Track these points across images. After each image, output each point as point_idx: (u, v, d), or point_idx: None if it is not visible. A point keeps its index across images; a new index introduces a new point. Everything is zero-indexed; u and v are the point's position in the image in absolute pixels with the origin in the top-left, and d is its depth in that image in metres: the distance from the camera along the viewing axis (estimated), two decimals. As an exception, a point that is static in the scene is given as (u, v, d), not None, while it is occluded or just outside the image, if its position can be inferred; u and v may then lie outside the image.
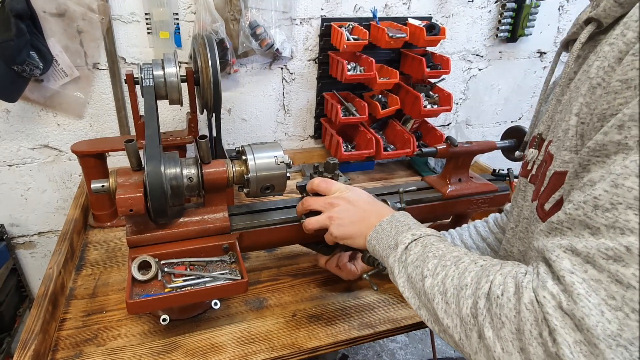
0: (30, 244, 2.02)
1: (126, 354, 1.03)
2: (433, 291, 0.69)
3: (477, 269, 0.66)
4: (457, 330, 0.64)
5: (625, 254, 0.49)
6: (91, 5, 1.58)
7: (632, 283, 0.48)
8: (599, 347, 0.48)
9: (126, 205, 0.94)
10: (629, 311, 0.48)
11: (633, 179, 0.50)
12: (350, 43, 1.77)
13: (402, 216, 0.90)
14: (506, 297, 0.58)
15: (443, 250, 0.75)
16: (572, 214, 0.57)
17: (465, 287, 0.64)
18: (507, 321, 0.57)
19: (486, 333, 0.59)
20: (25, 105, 1.69)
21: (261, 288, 1.26)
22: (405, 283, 0.77)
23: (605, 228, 0.52)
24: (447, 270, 0.70)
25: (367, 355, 2.58)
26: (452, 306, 0.66)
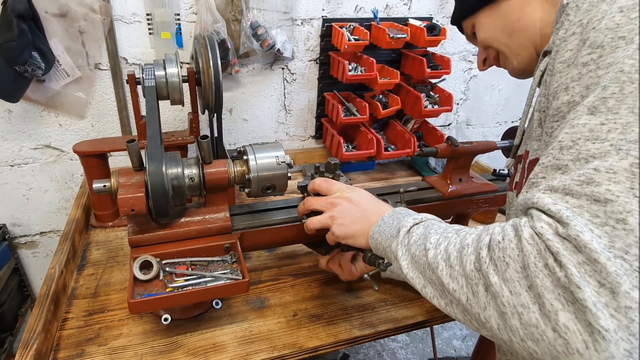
0: (32, 243, 2.02)
1: (128, 354, 1.03)
2: (436, 260, 0.71)
3: (477, 232, 0.69)
4: (463, 292, 0.65)
5: (595, 174, 0.55)
6: (93, 6, 1.59)
7: (608, 197, 0.53)
8: (600, 261, 0.51)
9: (128, 205, 0.94)
10: (614, 223, 0.52)
11: (585, 117, 0.60)
12: (351, 43, 1.77)
13: (403, 209, 0.91)
14: (507, 240, 0.60)
15: (443, 227, 0.78)
16: (543, 163, 0.65)
17: (467, 246, 0.67)
18: (511, 261, 0.59)
19: (491, 279, 0.60)
20: (27, 105, 1.70)
21: (262, 288, 1.26)
22: (409, 264, 0.78)
23: (572, 162, 0.60)
24: (449, 239, 0.72)
25: (368, 354, 2.59)
26: (456, 268, 0.67)
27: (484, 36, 1.01)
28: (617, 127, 0.56)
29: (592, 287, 0.51)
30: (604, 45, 0.63)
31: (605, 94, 0.59)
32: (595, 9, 0.67)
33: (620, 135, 0.55)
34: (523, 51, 0.95)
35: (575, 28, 0.69)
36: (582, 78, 0.65)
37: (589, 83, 0.64)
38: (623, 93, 0.57)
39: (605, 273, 0.50)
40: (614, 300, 0.50)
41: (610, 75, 0.59)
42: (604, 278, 0.50)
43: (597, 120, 0.58)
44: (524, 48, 0.94)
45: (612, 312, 0.50)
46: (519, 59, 0.97)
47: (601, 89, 0.59)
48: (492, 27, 0.98)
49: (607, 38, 0.62)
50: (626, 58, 0.58)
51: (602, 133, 0.57)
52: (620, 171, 0.54)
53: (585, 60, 0.65)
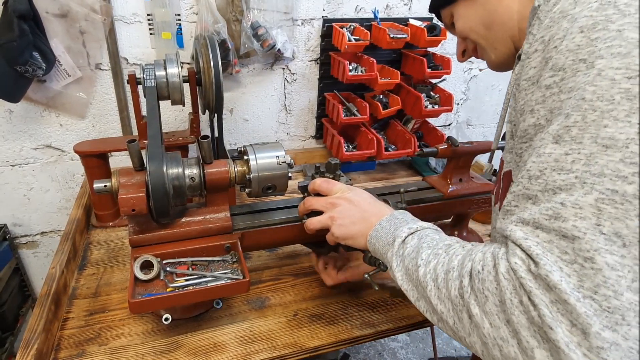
0: (33, 243, 2.02)
1: (128, 353, 1.03)
2: (426, 279, 0.71)
3: (463, 253, 0.69)
4: (450, 315, 0.66)
5: (562, 209, 0.55)
6: (94, 6, 1.59)
7: (575, 234, 0.53)
8: (569, 302, 0.51)
9: (128, 205, 0.94)
10: (582, 261, 0.52)
11: (550, 146, 0.60)
12: (351, 44, 1.78)
13: (400, 214, 0.91)
14: (486, 271, 0.61)
15: (437, 240, 0.78)
16: (515, 191, 0.65)
17: (452, 269, 0.67)
18: (490, 294, 0.59)
19: (473, 310, 0.61)
20: (27, 105, 1.70)
21: (263, 287, 1.26)
22: (403, 276, 0.79)
23: (540, 193, 0.60)
24: (439, 257, 0.72)
25: (368, 354, 2.59)
26: (442, 291, 0.67)
27: (462, 27, 0.98)
28: (582, 158, 0.56)
29: (565, 327, 0.52)
30: (565, 68, 0.62)
31: (568, 122, 0.58)
32: (557, 26, 0.65)
33: (585, 167, 0.55)
34: (501, 45, 0.93)
35: (538, 45, 0.68)
36: (546, 101, 0.65)
37: (553, 107, 0.63)
38: (585, 122, 0.56)
39: (575, 314, 0.51)
40: (586, 340, 0.50)
41: (572, 102, 0.59)
42: (574, 318, 0.51)
43: (562, 150, 0.58)
44: (502, 42, 0.92)
45: (585, 352, 0.50)
46: (496, 52, 0.95)
47: (564, 117, 0.59)
48: (470, 18, 0.95)
49: (568, 60, 0.61)
50: (587, 84, 0.57)
51: (566, 163, 0.57)
52: (585, 206, 0.54)
53: (548, 82, 0.64)
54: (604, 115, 0.55)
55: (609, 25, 0.58)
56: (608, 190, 0.53)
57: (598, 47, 0.58)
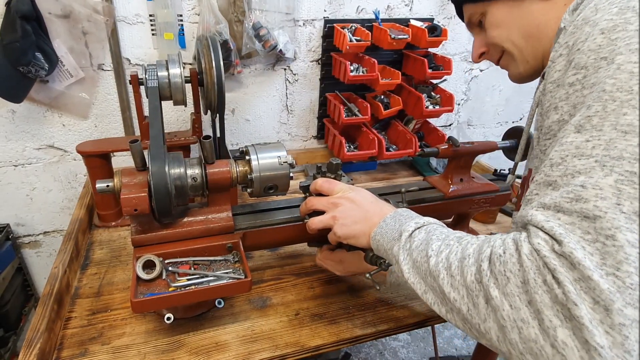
0: (35, 243, 2.03)
1: (131, 352, 1.04)
2: (437, 268, 0.71)
3: (478, 242, 0.70)
4: (464, 302, 0.66)
5: (582, 191, 0.57)
6: (96, 7, 1.59)
7: (596, 214, 0.55)
8: (593, 278, 0.52)
9: (131, 205, 0.95)
10: (603, 239, 0.54)
11: (572, 135, 0.63)
12: (352, 44, 1.78)
13: (404, 211, 0.91)
14: (508, 254, 0.62)
15: (446, 233, 0.78)
16: (537, 180, 0.67)
17: (468, 256, 0.67)
18: (512, 275, 0.60)
19: (492, 293, 0.61)
20: (30, 105, 1.71)
21: (264, 287, 1.27)
22: (410, 269, 0.78)
23: (560, 178, 0.62)
24: (451, 247, 0.72)
25: (369, 353, 2.59)
26: (457, 278, 0.68)
27: (497, 34, 0.94)
28: (601, 144, 0.59)
29: (587, 305, 0.52)
30: (587, 66, 0.66)
31: (590, 112, 0.62)
32: (579, 31, 0.69)
33: (604, 151, 0.58)
34: (533, 60, 0.92)
35: (562, 50, 0.72)
36: (569, 97, 0.68)
37: (576, 102, 0.67)
38: (606, 111, 0.60)
39: (598, 290, 0.52)
40: (608, 317, 0.51)
41: (594, 95, 0.62)
42: (597, 295, 0.52)
43: (583, 138, 0.61)
44: (535, 57, 0.91)
45: (607, 329, 0.51)
46: (526, 66, 0.94)
47: (586, 108, 0.63)
48: (508, 24, 0.91)
49: (590, 59, 0.65)
50: (607, 78, 0.61)
51: (587, 149, 0.60)
52: (605, 187, 0.56)
53: (571, 80, 0.68)
54: (623, 105, 0.58)
55: (627, 26, 0.62)
56: (627, 172, 0.55)
57: (618, 45, 0.62)
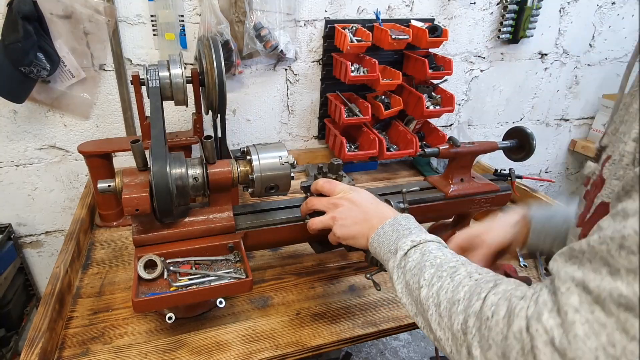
0: (37, 243, 2.04)
1: (132, 352, 1.04)
2: (428, 302, 0.70)
3: (470, 284, 0.66)
4: (448, 344, 0.65)
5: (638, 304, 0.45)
6: (97, 7, 1.60)
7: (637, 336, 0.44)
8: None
9: (132, 204, 0.95)
10: None
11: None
12: (353, 44, 1.78)
13: (404, 219, 0.90)
14: (495, 320, 0.57)
15: (441, 258, 0.76)
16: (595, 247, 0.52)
17: (458, 302, 0.65)
18: (494, 344, 0.56)
19: (474, 352, 0.59)
20: (32, 106, 1.71)
21: (265, 287, 1.27)
22: (403, 290, 0.78)
23: (625, 272, 0.47)
24: (442, 281, 0.70)
25: (370, 353, 2.59)
26: (444, 319, 0.66)
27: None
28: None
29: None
30: None
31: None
32: None
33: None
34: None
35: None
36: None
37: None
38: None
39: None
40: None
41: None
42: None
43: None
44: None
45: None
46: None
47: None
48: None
49: None
50: None
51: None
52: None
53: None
54: None
55: None
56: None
57: None
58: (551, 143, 2.85)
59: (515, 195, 1.78)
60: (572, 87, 2.65)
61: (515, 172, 1.43)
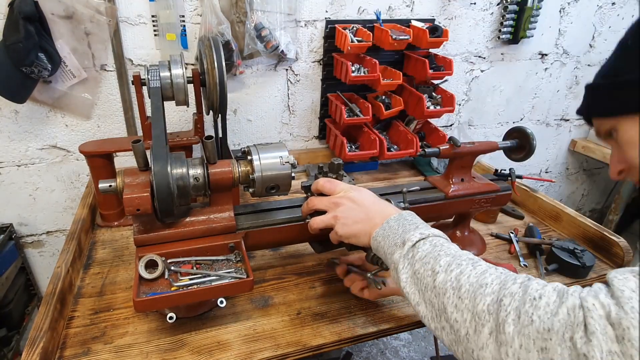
0: (38, 243, 2.04)
1: (133, 352, 1.04)
2: (445, 286, 0.71)
3: (497, 274, 0.68)
4: (465, 325, 0.66)
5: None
6: (99, 8, 1.60)
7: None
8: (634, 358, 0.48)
9: (133, 204, 0.95)
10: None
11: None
12: (354, 45, 1.78)
13: (409, 215, 0.91)
14: (545, 302, 0.59)
15: (455, 250, 0.77)
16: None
17: (486, 285, 0.66)
18: (538, 320, 0.57)
19: (506, 329, 0.59)
20: (33, 106, 1.71)
21: (266, 286, 1.27)
22: (408, 279, 0.79)
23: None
24: (463, 268, 0.71)
25: (371, 352, 2.59)
26: (465, 301, 0.67)
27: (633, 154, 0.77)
28: None
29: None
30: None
31: None
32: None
33: None
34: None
35: None
36: None
37: None
38: None
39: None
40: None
41: None
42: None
43: None
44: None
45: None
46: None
47: None
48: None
49: None
50: None
51: None
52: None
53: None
54: None
55: None
56: None
57: None
58: (551, 143, 2.85)
59: (516, 195, 1.78)
60: (572, 87, 2.65)
61: (515, 172, 1.43)
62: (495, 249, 1.51)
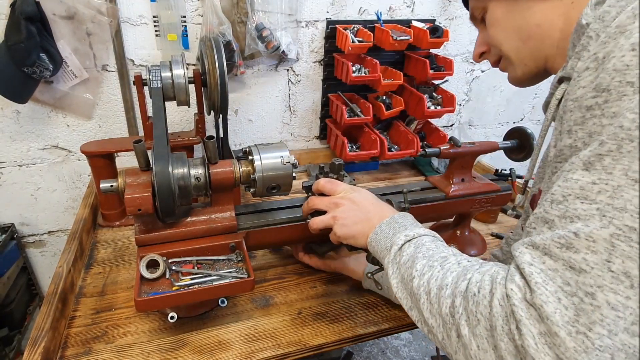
0: (40, 242, 2.04)
1: (134, 351, 1.04)
2: (419, 291, 0.70)
3: (458, 269, 0.68)
4: (439, 330, 0.66)
5: (575, 239, 0.53)
6: (100, 8, 1.60)
7: (583, 267, 0.51)
8: (560, 335, 0.50)
9: (135, 204, 0.95)
10: (582, 295, 0.51)
11: (579, 172, 0.56)
12: (355, 45, 1.79)
13: (400, 217, 0.90)
14: (482, 295, 0.59)
15: (433, 250, 0.76)
16: (536, 214, 0.62)
17: (446, 286, 0.66)
18: (482, 318, 0.58)
19: (462, 331, 0.60)
20: (35, 106, 1.72)
21: (267, 286, 1.27)
22: (398, 284, 0.78)
23: (558, 219, 0.57)
24: (433, 270, 0.71)
25: (371, 352, 2.59)
26: (434, 306, 0.67)
27: (494, 34, 0.87)
28: (608, 190, 0.52)
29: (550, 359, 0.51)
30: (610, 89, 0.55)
31: (602, 150, 0.54)
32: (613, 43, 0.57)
33: (609, 199, 0.52)
34: (532, 62, 0.84)
35: (590, 62, 0.60)
36: (586, 123, 0.59)
37: (592, 131, 0.58)
38: (620, 152, 0.52)
39: (563, 348, 0.49)
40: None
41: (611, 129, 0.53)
42: (562, 353, 0.50)
43: (590, 179, 0.54)
44: (535, 59, 0.83)
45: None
46: (525, 69, 0.86)
47: (598, 144, 0.54)
48: (506, 26, 0.84)
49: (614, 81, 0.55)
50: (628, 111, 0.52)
51: (592, 193, 0.54)
52: (599, 240, 0.51)
53: (590, 103, 0.58)
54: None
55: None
56: (626, 226, 0.50)
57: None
58: (552, 143, 2.85)
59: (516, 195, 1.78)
60: (573, 87, 2.64)
61: (515, 172, 1.43)
62: (495, 248, 1.50)
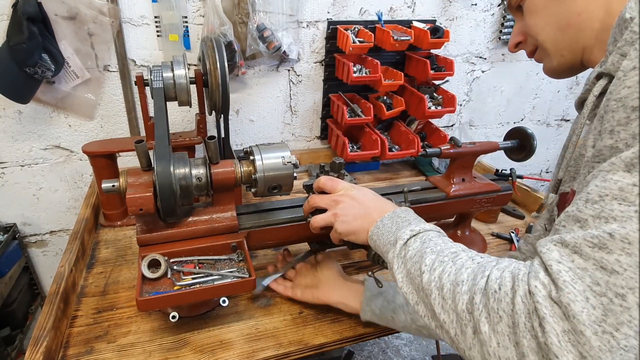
0: (42, 242, 2.05)
1: (136, 351, 1.05)
2: (430, 287, 0.70)
3: (473, 266, 0.67)
4: (452, 326, 0.65)
5: (609, 240, 0.52)
6: (102, 9, 1.61)
7: (615, 268, 0.50)
8: (585, 334, 0.49)
9: (136, 204, 0.95)
10: (612, 296, 0.50)
11: (620, 173, 0.54)
12: (355, 45, 1.79)
13: (403, 212, 0.90)
14: (503, 292, 0.59)
15: (441, 245, 0.76)
16: (568, 212, 0.60)
17: (462, 283, 0.65)
18: (505, 315, 0.57)
19: (482, 328, 0.59)
20: (37, 106, 1.72)
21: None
22: (404, 278, 0.78)
23: (592, 219, 0.55)
24: (444, 266, 0.70)
25: (372, 351, 2.59)
26: (448, 302, 0.66)
27: (531, 23, 0.84)
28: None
29: (572, 357, 0.50)
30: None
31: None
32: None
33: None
34: (569, 53, 0.81)
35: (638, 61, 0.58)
36: (630, 124, 0.57)
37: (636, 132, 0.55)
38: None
39: (588, 346, 0.49)
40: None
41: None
42: (586, 351, 0.49)
43: (631, 180, 0.53)
44: (572, 50, 0.81)
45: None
46: (561, 60, 0.83)
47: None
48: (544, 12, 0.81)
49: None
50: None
51: (631, 195, 0.52)
52: (635, 242, 0.50)
53: (635, 104, 0.56)
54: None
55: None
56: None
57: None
58: (552, 143, 2.85)
59: (517, 195, 1.79)
60: (573, 87, 2.65)
61: (516, 172, 1.44)
62: (496, 248, 1.51)
